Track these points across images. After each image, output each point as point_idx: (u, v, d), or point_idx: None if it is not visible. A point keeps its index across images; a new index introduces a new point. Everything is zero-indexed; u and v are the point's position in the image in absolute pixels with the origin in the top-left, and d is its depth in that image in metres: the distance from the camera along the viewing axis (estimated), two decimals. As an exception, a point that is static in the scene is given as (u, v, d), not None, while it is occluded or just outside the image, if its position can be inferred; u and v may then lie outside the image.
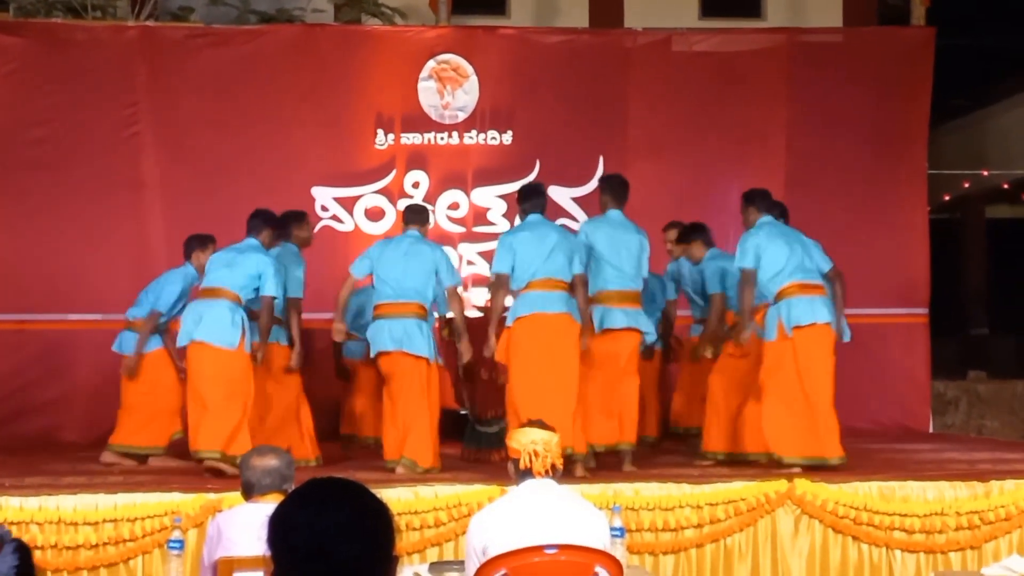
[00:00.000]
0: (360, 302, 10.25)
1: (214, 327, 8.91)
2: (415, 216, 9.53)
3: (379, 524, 2.71)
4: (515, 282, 8.88)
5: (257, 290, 9.10)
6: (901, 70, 13.07)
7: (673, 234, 10.93)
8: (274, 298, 9.15)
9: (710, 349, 9.71)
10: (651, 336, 9.32)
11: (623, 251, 9.07)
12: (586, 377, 8.91)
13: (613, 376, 9.06)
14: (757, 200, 9.41)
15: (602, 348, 8.97)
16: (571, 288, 8.83)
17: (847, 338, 9.13)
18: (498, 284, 9.03)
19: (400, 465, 8.78)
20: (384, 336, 8.97)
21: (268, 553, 2.76)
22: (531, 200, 9.19)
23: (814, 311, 8.84)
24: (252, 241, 9.38)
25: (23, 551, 2.62)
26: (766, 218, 9.26)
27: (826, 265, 9.14)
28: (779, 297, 8.93)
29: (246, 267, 9.12)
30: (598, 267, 9.03)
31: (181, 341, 9.05)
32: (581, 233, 9.22)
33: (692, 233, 10.53)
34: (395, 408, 8.99)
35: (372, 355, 9.11)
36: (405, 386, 8.93)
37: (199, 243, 9.99)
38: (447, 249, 10.00)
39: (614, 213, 9.26)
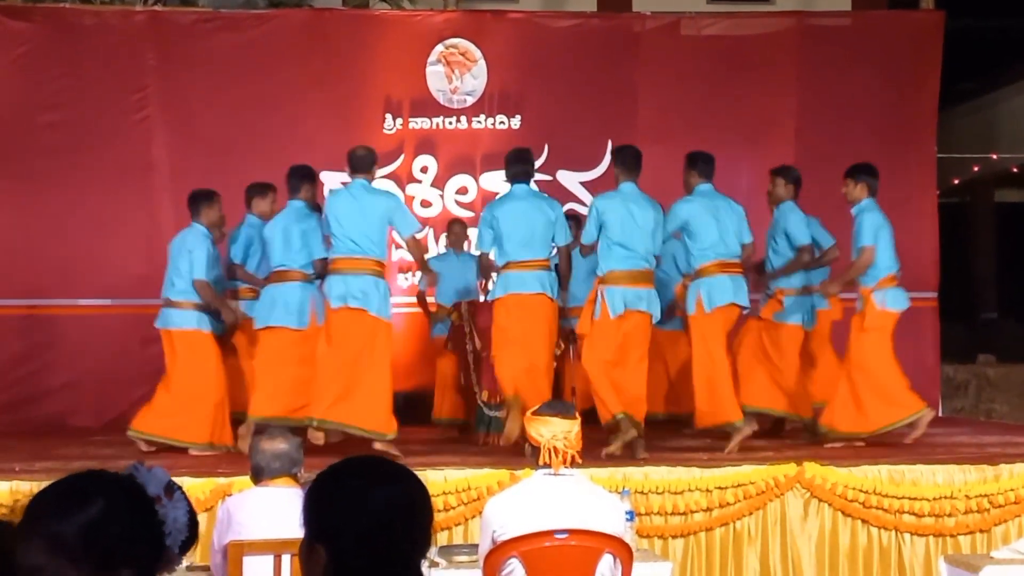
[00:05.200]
0: None
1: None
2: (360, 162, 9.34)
3: (429, 504, 2.78)
4: (497, 259, 9.16)
5: None
6: (910, 54, 13.03)
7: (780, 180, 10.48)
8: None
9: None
10: (656, 318, 9.32)
11: (635, 229, 9.01)
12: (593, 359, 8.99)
13: (620, 357, 9.07)
14: (699, 164, 9.56)
15: (610, 329, 8.98)
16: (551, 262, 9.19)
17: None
18: (482, 265, 9.53)
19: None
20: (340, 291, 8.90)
21: (309, 530, 2.74)
22: (514, 167, 9.27)
23: (735, 292, 9.22)
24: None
25: (186, 497, 2.66)
26: (705, 186, 9.46)
27: (747, 237, 9.48)
28: (700, 274, 9.22)
29: None
30: (608, 246, 9.02)
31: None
32: (592, 209, 9.19)
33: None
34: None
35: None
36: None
37: (206, 199, 9.85)
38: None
39: (627, 187, 9.22)
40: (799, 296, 10.04)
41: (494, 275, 9.41)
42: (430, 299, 11.34)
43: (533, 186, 9.66)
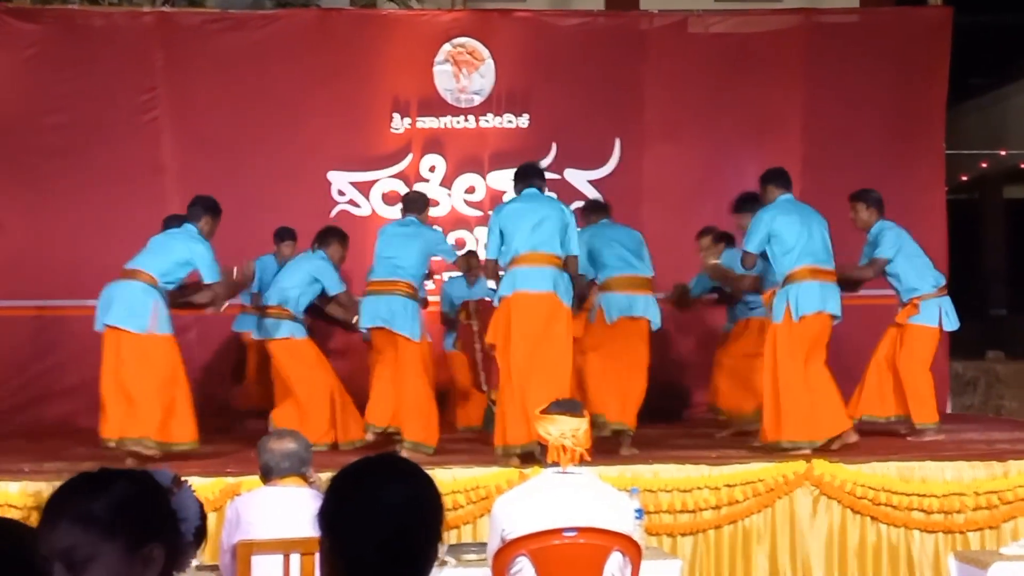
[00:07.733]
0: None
1: None
2: (412, 204, 9.76)
3: (440, 501, 2.80)
4: (502, 258, 8.58)
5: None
6: (918, 50, 13.01)
7: (707, 241, 10.69)
8: None
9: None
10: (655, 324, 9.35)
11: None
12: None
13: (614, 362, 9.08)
14: (775, 179, 9.40)
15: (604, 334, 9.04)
16: (564, 264, 8.50)
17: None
18: (488, 272, 9.28)
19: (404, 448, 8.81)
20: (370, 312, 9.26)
21: (322, 532, 2.74)
22: (524, 181, 8.93)
23: (823, 300, 8.82)
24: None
25: (192, 489, 2.77)
26: (786, 196, 9.27)
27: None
28: (789, 280, 8.87)
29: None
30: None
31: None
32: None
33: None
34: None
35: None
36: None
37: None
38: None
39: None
40: (933, 299, 9.90)
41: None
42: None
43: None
